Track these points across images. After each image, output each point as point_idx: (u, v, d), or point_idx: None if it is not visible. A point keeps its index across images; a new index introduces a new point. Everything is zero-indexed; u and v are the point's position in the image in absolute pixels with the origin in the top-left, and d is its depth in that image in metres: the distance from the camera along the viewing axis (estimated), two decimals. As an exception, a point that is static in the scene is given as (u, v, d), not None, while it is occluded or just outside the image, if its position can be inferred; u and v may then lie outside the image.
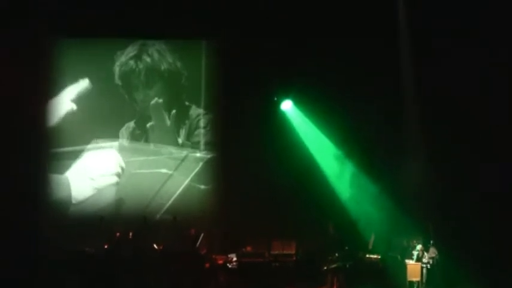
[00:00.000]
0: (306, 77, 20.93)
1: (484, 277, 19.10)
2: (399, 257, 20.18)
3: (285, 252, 19.98)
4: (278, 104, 21.78)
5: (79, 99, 21.86)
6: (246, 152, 21.27)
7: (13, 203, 20.03)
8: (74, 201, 21.62)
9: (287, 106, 21.78)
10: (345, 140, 21.31)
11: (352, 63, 20.64)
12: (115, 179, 21.84)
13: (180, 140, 22.01)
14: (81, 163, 21.81)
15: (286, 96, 21.69)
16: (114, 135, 21.95)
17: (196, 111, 22.17)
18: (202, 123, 22.11)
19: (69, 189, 21.67)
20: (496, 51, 20.13)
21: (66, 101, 21.83)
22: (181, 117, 22.15)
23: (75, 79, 21.90)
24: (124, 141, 21.98)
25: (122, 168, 21.85)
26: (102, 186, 21.79)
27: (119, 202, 21.65)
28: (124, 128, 22.05)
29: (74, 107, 21.82)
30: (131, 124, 22.07)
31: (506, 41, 20.09)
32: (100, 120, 21.93)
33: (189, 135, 22.07)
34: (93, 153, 21.85)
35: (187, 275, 19.11)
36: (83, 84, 21.89)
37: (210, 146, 21.94)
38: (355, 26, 20.71)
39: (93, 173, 21.81)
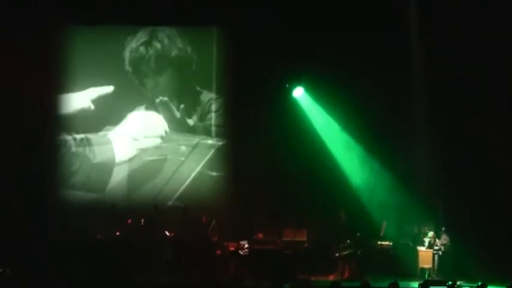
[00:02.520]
0: (318, 64, 20.87)
1: (495, 264, 19.14)
2: (411, 243, 20.27)
3: (296, 239, 20.01)
4: (290, 91, 21.75)
5: (96, 97, 21.89)
6: (257, 139, 21.25)
7: (25, 191, 20.22)
8: (117, 161, 21.71)
9: (299, 93, 21.75)
10: (356, 127, 21.25)
11: (364, 50, 20.56)
12: (158, 141, 21.87)
13: (191, 122, 21.97)
14: (125, 125, 21.87)
15: (298, 83, 21.65)
16: (123, 120, 21.93)
17: (208, 96, 22.13)
18: (214, 108, 22.08)
19: (113, 151, 21.74)
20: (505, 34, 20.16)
21: (85, 98, 21.85)
22: (193, 102, 22.12)
23: (85, 66, 21.84)
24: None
25: (166, 132, 21.87)
26: (146, 147, 21.84)
27: (130, 189, 21.67)
28: (133, 112, 21.99)
29: (91, 106, 21.85)
30: (141, 109, 22.01)
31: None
32: (109, 106, 21.91)
33: (201, 119, 22.04)
34: (137, 115, 21.92)
35: (199, 262, 19.13)
36: (107, 89, 21.85)
37: (221, 129, 21.93)
38: (366, 13, 20.66)
39: (137, 134, 21.87)
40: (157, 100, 21.98)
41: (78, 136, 21.72)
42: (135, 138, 21.82)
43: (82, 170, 21.66)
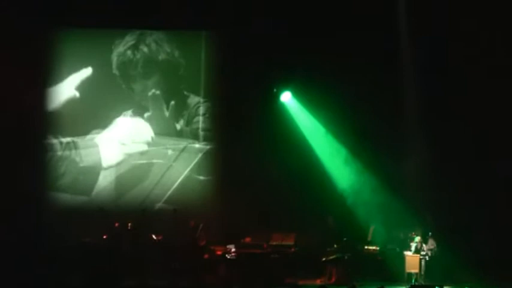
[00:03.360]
0: (306, 68, 20.94)
1: (482, 268, 19.23)
2: (397, 248, 20.28)
3: (284, 243, 19.95)
4: (277, 95, 21.79)
5: (80, 88, 21.76)
6: (245, 143, 21.29)
7: (13, 196, 20.13)
8: (104, 165, 21.65)
9: (286, 98, 21.79)
10: (343, 131, 21.31)
11: (352, 55, 20.62)
12: (145, 147, 21.81)
13: (178, 126, 21.95)
14: (112, 129, 21.81)
15: (286, 88, 21.70)
16: (110, 125, 21.86)
17: (195, 100, 22.11)
18: (201, 111, 22.07)
19: (99, 154, 21.66)
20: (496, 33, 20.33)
21: (68, 89, 21.75)
22: (180, 106, 22.10)
23: (73, 68, 21.80)
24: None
25: (152, 138, 21.82)
26: (132, 152, 21.78)
27: (118, 192, 21.60)
28: (120, 117, 21.94)
29: (76, 94, 21.75)
30: (128, 114, 21.95)
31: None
32: (96, 109, 21.84)
33: (188, 122, 22.02)
34: (124, 120, 21.88)
35: (187, 266, 19.09)
36: (86, 72, 21.78)
37: (208, 132, 21.91)
38: (355, 18, 20.73)
39: (124, 139, 21.80)
40: (150, 93, 21.93)
41: (65, 140, 21.62)
42: (122, 142, 21.77)
43: (68, 173, 21.57)
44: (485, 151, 20.71)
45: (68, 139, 21.63)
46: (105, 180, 21.59)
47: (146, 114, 21.97)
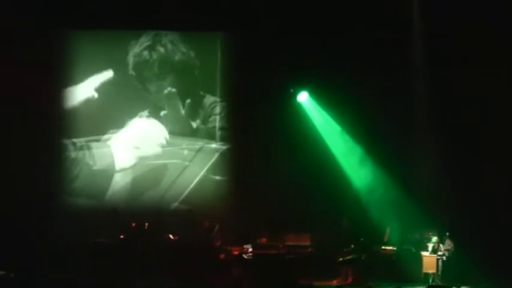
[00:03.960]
0: (322, 69, 20.85)
1: (499, 269, 19.12)
2: (413, 249, 20.20)
3: (299, 244, 19.97)
4: (294, 95, 21.79)
5: (99, 90, 21.83)
6: (261, 143, 21.31)
7: (28, 196, 20.26)
8: (117, 169, 21.69)
9: (303, 98, 21.78)
10: (360, 131, 21.27)
11: (368, 55, 20.60)
12: (159, 150, 21.85)
13: (194, 125, 21.95)
14: (126, 132, 21.86)
15: (302, 88, 21.70)
16: (126, 126, 21.92)
17: (211, 99, 22.12)
18: (217, 110, 22.07)
19: (113, 157, 21.72)
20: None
21: (87, 90, 21.83)
22: (196, 105, 22.09)
23: (90, 69, 21.87)
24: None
25: (166, 140, 21.85)
26: (146, 155, 21.82)
27: (134, 193, 21.65)
28: (136, 118, 21.98)
29: (95, 95, 21.81)
30: (144, 114, 21.99)
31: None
32: (112, 110, 21.92)
33: (204, 121, 22.03)
34: (138, 122, 21.91)
35: (202, 266, 19.09)
36: (107, 74, 21.85)
37: (225, 132, 21.90)
38: (371, 19, 20.70)
39: (138, 142, 21.86)
40: (166, 91, 21.95)
41: (78, 142, 21.68)
42: (136, 146, 21.81)
43: (82, 176, 21.64)
44: (503, 151, 20.55)
45: (82, 141, 21.67)
46: (121, 181, 21.62)
47: (162, 113, 21.97)
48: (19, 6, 20.65)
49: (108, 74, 21.87)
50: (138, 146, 21.83)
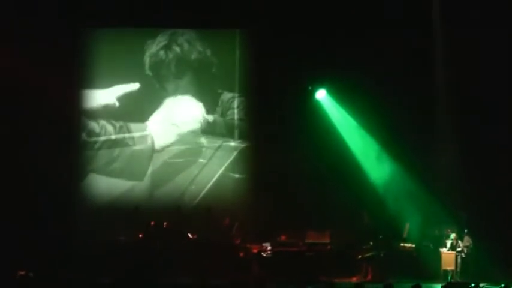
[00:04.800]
0: (340, 66, 20.88)
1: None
2: (431, 245, 20.22)
3: (319, 241, 19.99)
4: (312, 93, 21.81)
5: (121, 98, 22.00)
6: (280, 141, 21.36)
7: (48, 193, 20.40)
8: (157, 148, 21.84)
9: (321, 95, 21.81)
10: (379, 129, 21.27)
11: (386, 52, 20.61)
12: (198, 126, 21.99)
13: (211, 118, 22.00)
14: (163, 111, 22.00)
15: (321, 86, 21.72)
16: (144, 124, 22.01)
17: (229, 95, 22.17)
18: (235, 104, 22.12)
19: (152, 137, 21.89)
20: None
21: (109, 96, 21.97)
22: (214, 102, 22.15)
23: (106, 69, 21.96)
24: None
25: (203, 116, 21.98)
26: (185, 132, 21.96)
27: (153, 190, 21.74)
28: (154, 116, 22.06)
29: (116, 104, 21.93)
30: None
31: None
32: (131, 108, 21.99)
33: (222, 114, 22.10)
34: (174, 101, 22.04)
35: (221, 264, 19.16)
36: (133, 86, 21.96)
37: (243, 128, 21.95)
38: (389, 15, 20.70)
39: (176, 119, 21.98)
40: (183, 90, 22.10)
41: (118, 123, 21.89)
42: (173, 123, 21.97)
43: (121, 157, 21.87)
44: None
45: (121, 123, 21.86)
46: (153, 167, 21.82)
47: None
48: (33, 5, 20.78)
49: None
50: (176, 123, 22.01)
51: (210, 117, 22.05)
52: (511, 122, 20.67)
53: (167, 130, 21.97)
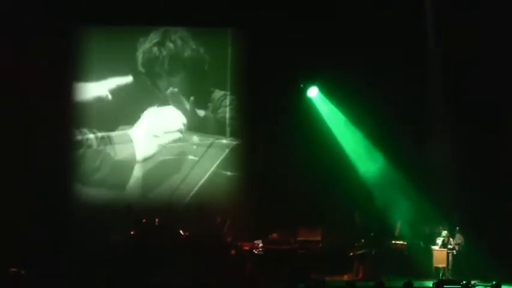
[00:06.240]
0: (332, 64, 20.87)
1: (509, 263, 19.16)
2: (422, 243, 20.26)
3: (311, 238, 19.94)
4: (304, 91, 21.83)
5: (114, 91, 21.93)
6: (272, 138, 21.37)
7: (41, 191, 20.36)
8: (138, 159, 21.77)
9: (313, 93, 21.82)
10: (371, 127, 21.31)
11: (378, 50, 20.60)
12: (178, 135, 21.92)
13: (203, 118, 21.93)
14: (143, 122, 21.93)
15: (312, 83, 21.73)
16: (136, 121, 21.95)
17: (220, 93, 22.12)
18: (227, 102, 22.08)
19: (133, 148, 21.82)
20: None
21: (101, 89, 21.89)
22: (205, 99, 22.10)
23: (98, 66, 21.89)
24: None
25: (184, 124, 21.92)
26: (166, 142, 21.88)
27: (145, 189, 21.71)
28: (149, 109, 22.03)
29: (109, 96, 21.87)
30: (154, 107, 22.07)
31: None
32: (122, 106, 21.95)
33: (213, 111, 22.07)
34: (154, 112, 21.98)
35: (213, 262, 19.16)
36: (126, 79, 21.92)
37: (234, 125, 21.91)
38: (381, 13, 20.69)
39: (156, 131, 21.92)
40: (168, 92, 21.98)
41: (100, 134, 21.74)
42: (155, 134, 21.89)
43: (103, 167, 21.76)
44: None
45: (103, 133, 21.72)
46: (135, 175, 21.72)
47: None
48: (28, 4, 20.73)
49: (126, 79, 21.95)
50: (157, 134, 21.92)
51: (201, 112, 22.00)
52: (504, 119, 20.64)
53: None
